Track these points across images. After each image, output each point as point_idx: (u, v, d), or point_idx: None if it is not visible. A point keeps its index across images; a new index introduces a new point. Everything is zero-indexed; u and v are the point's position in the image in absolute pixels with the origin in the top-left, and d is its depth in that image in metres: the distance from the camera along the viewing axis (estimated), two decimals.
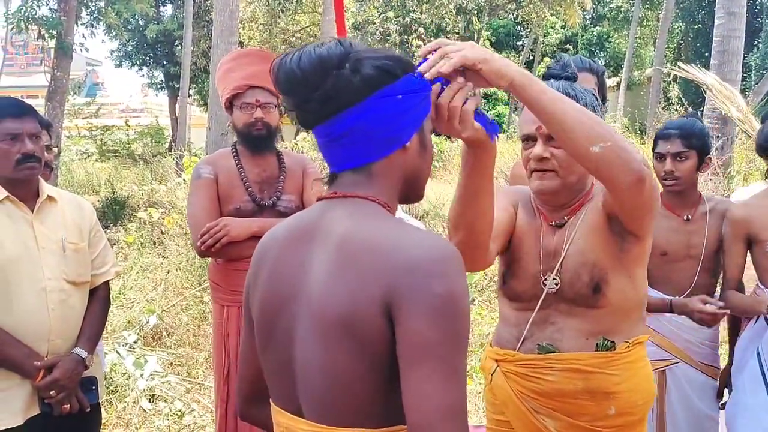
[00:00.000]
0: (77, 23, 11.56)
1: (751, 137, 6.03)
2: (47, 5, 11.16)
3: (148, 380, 3.97)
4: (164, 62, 21.04)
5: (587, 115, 1.33)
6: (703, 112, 7.54)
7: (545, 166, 1.61)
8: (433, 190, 7.60)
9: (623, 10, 24.05)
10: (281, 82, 1.11)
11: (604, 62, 24.31)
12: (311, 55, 1.08)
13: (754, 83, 14.17)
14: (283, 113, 2.52)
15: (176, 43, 19.26)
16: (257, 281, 1.18)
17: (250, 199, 2.49)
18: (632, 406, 1.64)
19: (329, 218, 1.11)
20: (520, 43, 26.59)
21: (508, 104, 21.83)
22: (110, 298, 2.38)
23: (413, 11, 18.00)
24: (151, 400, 3.87)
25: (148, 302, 5.17)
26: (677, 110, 11.22)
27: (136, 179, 12.39)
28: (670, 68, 7.30)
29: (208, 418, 3.65)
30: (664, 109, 13.01)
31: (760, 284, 2.43)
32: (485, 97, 20.72)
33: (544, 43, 25.65)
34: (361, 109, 1.08)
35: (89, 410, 2.17)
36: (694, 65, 7.05)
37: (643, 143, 11.26)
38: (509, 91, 1.26)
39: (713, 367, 2.48)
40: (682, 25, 21.76)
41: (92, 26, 14.94)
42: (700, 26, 20.98)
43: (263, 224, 2.36)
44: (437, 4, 17.88)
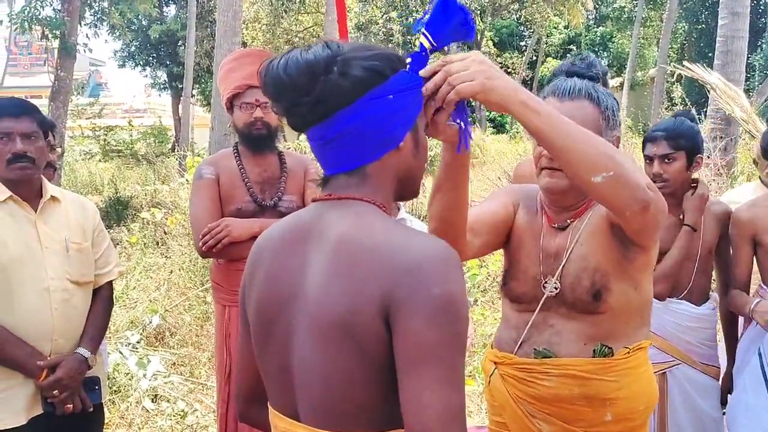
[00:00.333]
0: (81, 23, 11.57)
1: (755, 138, 6.00)
2: (51, 6, 11.15)
3: (151, 380, 3.98)
4: (167, 62, 21.07)
5: (591, 142, 1.29)
6: (706, 112, 7.51)
7: (556, 164, 1.57)
8: None
9: (626, 10, 24.01)
10: (269, 87, 1.09)
11: (607, 62, 24.32)
12: (298, 60, 1.05)
13: (757, 83, 14.12)
14: None
15: (179, 43, 19.29)
16: (253, 282, 1.17)
17: (251, 199, 2.49)
18: (632, 411, 1.61)
19: (325, 220, 1.10)
20: (523, 43, 26.59)
21: None
22: (113, 298, 2.38)
23: (416, 11, 18.01)
24: (153, 400, 3.87)
25: (151, 302, 5.18)
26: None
27: (139, 179, 12.42)
28: (674, 66, 7.25)
29: (210, 418, 3.66)
30: (667, 109, 12.97)
31: (763, 285, 2.43)
32: None
33: (547, 43, 25.66)
34: (352, 111, 1.06)
35: (92, 410, 2.17)
36: (697, 65, 7.01)
37: None
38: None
39: (714, 367, 2.47)
40: (685, 25, 21.71)
41: (96, 26, 14.96)
42: (703, 26, 20.92)
43: (264, 225, 2.35)
44: None
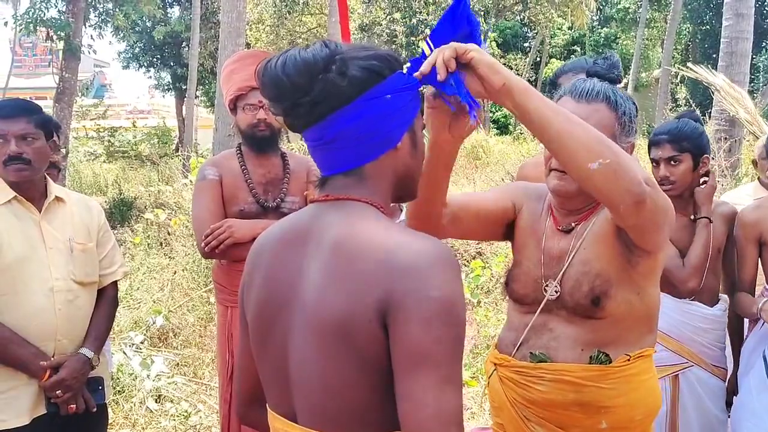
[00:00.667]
0: (85, 25, 11.62)
1: (759, 138, 5.98)
2: (56, 7, 11.19)
3: (154, 381, 3.98)
4: (171, 64, 21.12)
5: (587, 130, 1.27)
6: (710, 113, 7.49)
7: None
8: None
9: (631, 11, 23.99)
10: (267, 88, 1.08)
11: None
12: (296, 59, 1.05)
13: (762, 85, 14.11)
14: None
15: (183, 44, 19.34)
16: (252, 284, 1.17)
17: (254, 200, 2.49)
18: (629, 420, 1.59)
19: (323, 222, 1.09)
20: (527, 44, 26.55)
21: None
22: (118, 298, 2.39)
23: (420, 12, 18.03)
24: (157, 400, 3.88)
25: (154, 303, 5.19)
26: None
27: (143, 180, 12.44)
28: (678, 68, 7.23)
29: (214, 418, 3.66)
30: (671, 110, 12.94)
31: (767, 286, 2.42)
32: None
33: (551, 44, 25.61)
34: (349, 111, 1.06)
35: (96, 410, 2.18)
36: (702, 67, 7.00)
37: None
38: (502, 97, 1.22)
39: (722, 368, 2.47)
40: (689, 26, 21.67)
41: (100, 28, 14.97)
42: (707, 28, 20.89)
43: (267, 226, 2.33)
44: (444, 5, 17.87)
